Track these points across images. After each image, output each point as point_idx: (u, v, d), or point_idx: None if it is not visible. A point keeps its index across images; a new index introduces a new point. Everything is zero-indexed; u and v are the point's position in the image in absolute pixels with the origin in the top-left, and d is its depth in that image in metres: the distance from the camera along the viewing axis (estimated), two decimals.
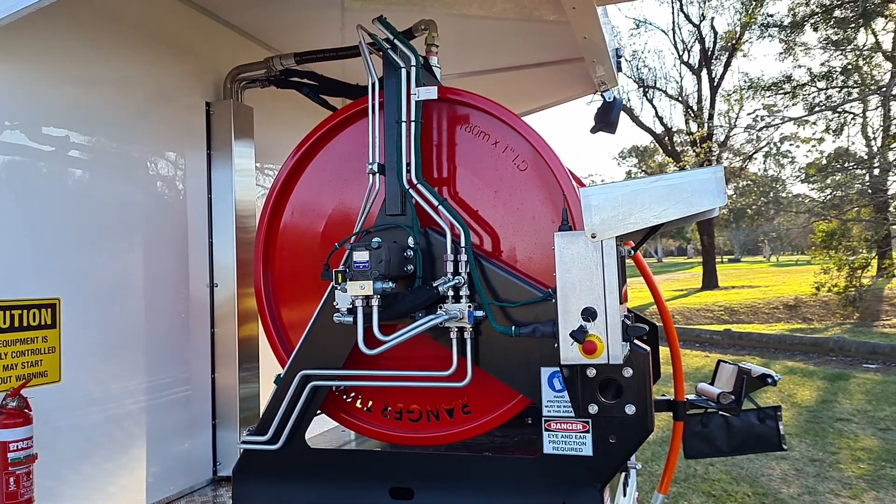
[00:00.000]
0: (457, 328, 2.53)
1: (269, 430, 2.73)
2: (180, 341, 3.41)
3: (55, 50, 2.76)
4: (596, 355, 2.12)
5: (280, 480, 2.76)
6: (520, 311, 2.49)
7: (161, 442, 3.22)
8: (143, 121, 3.23)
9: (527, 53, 4.43)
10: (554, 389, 2.42)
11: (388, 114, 2.68)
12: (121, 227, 3.06)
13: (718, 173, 2.05)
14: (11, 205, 2.54)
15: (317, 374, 2.70)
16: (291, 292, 2.99)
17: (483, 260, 2.57)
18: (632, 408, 2.27)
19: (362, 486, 2.66)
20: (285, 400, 2.71)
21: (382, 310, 2.47)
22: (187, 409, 3.41)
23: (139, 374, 3.12)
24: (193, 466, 3.44)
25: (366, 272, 2.38)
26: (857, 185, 22.15)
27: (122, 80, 3.10)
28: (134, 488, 3.06)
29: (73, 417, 2.75)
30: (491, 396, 2.64)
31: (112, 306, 2.98)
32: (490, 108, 2.68)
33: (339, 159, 2.94)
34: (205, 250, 3.53)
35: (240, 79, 3.65)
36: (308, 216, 2.98)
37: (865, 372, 12.50)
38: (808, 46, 24.37)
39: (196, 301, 3.50)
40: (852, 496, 6.57)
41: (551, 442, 2.41)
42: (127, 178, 3.12)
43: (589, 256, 2.12)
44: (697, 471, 7.45)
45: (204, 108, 3.59)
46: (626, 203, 2.04)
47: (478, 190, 2.69)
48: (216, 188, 3.58)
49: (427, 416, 2.75)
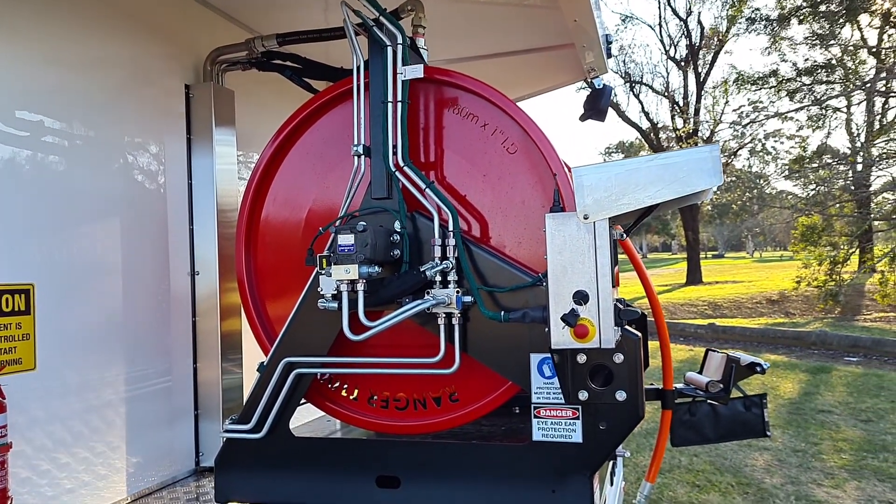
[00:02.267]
0: (444, 314, 2.47)
1: (253, 419, 2.66)
2: (161, 330, 3.34)
3: (29, 32, 2.67)
4: (587, 339, 2.08)
5: (263, 470, 2.69)
6: (509, 297, 2.44)
7: (142, 432, 3.15)
8: (121, 104, 3.14)
9: (516, 39, 4.37)
10: (543, 376, 2.37)
11: (374, 94, 2.61)
12: (98, 213, 2.98)
13: (714, 152, 2.00)
14: None
15: (301, 361, 2.64)
16: (275, 279, 2.92)
17: (471, 244, 2.51)
18: (622, 394, 2.23)
19: (348, 476, 2.60)
20: (269, 388, 2.65)
21: (368, 295, 2.41)
22: (169, 400, 3.34)
23: (118, 364, 3.04)
24: (176, 457, 3.37)
25: (351, 256, 2.31)
26: (840, 181, 22.34)
27: (98, 62, 3.02)
28: (114, 479, 2.99)
29: (48, 406, 2.67)
30: (479, 384, 2.59)
31: (89, 294, 2.90)
32: (479, 90, 2.62)
33: (322, 143, 2.87)
34: (185, 238, 3.46)
35: (220, 61, 3.57)
36: (291, 201, 2.90)
37: (847, 365, 12.63)
38: (794, 42, 24.50)
39: (177, 290, 3.42)
40: (834, 486, 6.61)
41: (540, 429, 2.36)
42: (104, 163, 3.03)
43: (581, 238, 2.08)
44: (682, 461, 7.47)
45: (183, 91, 3.50)
46: (620, 183, 1.99)
47: (466, 173, 2.64)
48: (196, 174, 3.50)
49: (414, 405, 2.70)
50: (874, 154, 20.54)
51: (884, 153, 20.56)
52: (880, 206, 21.83)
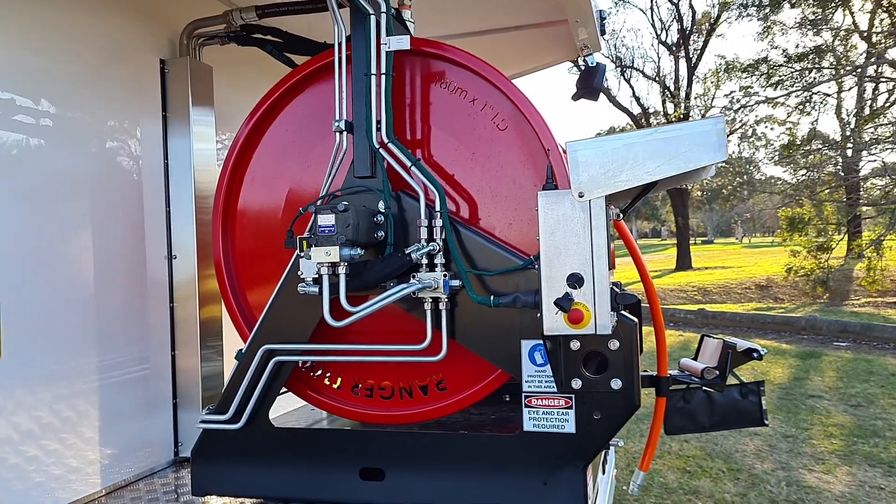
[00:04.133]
0: (431, 299, 2.35)
1: (231, 409, 2.54)
2: (137, 317, 3.20)
3: None
4: (582, 325, 1.96)
5: (242, 461, 2.58)
6: (499, 280, 2.32)
7: (117, 422, 3.02)
8: (92, 81, 2.99)
9: (507, 15, 4.24)
10: (535, 363, 2.27)
11: (357, 66, 2.47)
12: (69, 194, 2.84)
13: (719, 124, 1.87)
14: None
15: (281, 348, 2.51)
16: (254, 263, 2.79)
17: (459, 225, 2.39)
18: (618, 382, 2.12)
19: (330, 467, 2.49)
20: (247, 376, 2.53)
21: (350, 279, 2.29)
22: (145, 388, 3.21)
23: (91, 351, 2.91)
24: (154, 447, 3.25)
25: (332, 237, 2.18)
26: (830, 167, 22.36)
27: (68, 36, 2.86)
28: (87, 471, 2.86)
29: (15, 395, 2.53)
30: (468, 372, 2.48)
31: (60, 279, 2.76)
32: (467, 63, 2.49)
33: (302, 120, 2.73)
34: (162, 220, 3.31)
35: (197, 35, 3.40)
36: (270, 182, 2.77)
37: (836, 350, 12.66)
38: (785, 26, 24.39)
39: (153, 274, 3.28)
40: (825, 471, 6.60)
41: (532, 419, 2.26)
42: (75, 143, 2.89)
43: (575, 218, 1.95)
44: (672, 447, 7.45)
45: (158, 66, 3.34)
46: (618, 158, 1.86)
47: (454, 151, 2.51)
48: (173, 153, 3.35)
49: (400, 393, 2.58)
50: (864, 139, 20.54)
51: (874, 138, 20.57)
52: (869, 192, 21.88)
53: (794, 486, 6.24)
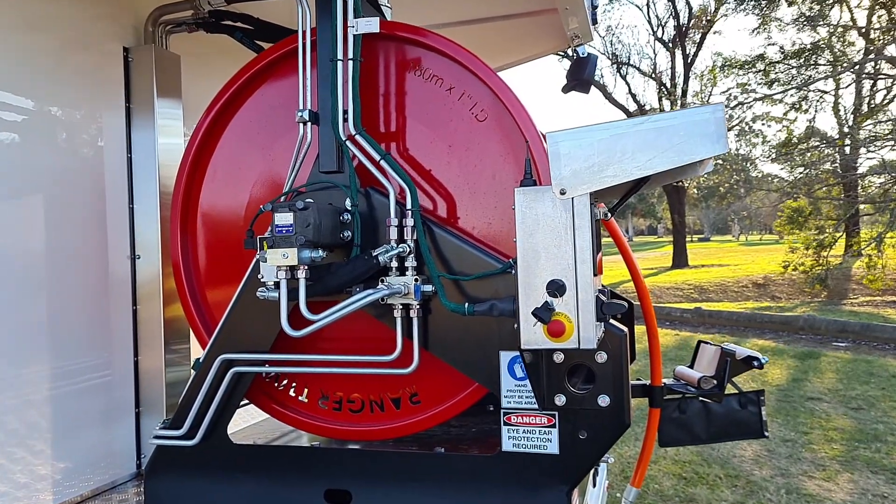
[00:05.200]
0: (401, 305, 2.15)
1: (186, 423, 2.35)
2: (97, 320, 3.00)
3: None
4: (564, 338, 1.76)
5: (199, 479, 2.38)
6: (475, 286, 2.12)
7: (73, 434, 2.82)
8: (51, 69, 2.79)
9: (495, 4, 4.05)
10: (515, 377, 2.07)
11: (322, 52, 2.27)
12: (24, 189, 2.65)
13: (718, 112, 1.66)
14: None
15: (240, 358, 2.31)
16: (214, 265, 2.59)
17: (433, 225, 2.19)
18: (606, 399, 1.92)
19: (293, 488, 2.30)
20: (204, 388, 2.33)
21: (312, 283, 2.08)
22: (106, 396, 3.01)
23: (44, 358, 2.70)
24: (114, 459, 3.05)
25: (289, 238, 1.98)
26: (828, 164, 22.23)
27: (25, 22, 2.66)
28: (36, 486, 2.66)
29: None
30: (443, 384, 2.29)
31: (11, 279, 2.56)
32: (444, 48, 2.28)
33: (266, 110, 2.52)
34: (125, 217, 3.11)
35: (163, 21, 3.20)
36: (232, 177, 2.57)
37: (835, 350, 12.52)
38: (782, 22, 24.23)
39: (115, 275, 3.08)
40: (826, 478, 6.43)
41: (511, 438, 2.06)
42: (32, 135, 2.69)
43: (557, 217, 1.75)
44: (668, 452, 7.28)
45: (121, 54, 3.14)
46: (604, 151, 1.66)
47: (429, 143, 2.30)
48: (136, 147, 3.15)
49: (370, 407, 2.39)
50: (862, 137, 20.40)
51: (872, 136, 20.43)
52: (867, 190, 21.76)
53: (794, 494, 6.07)
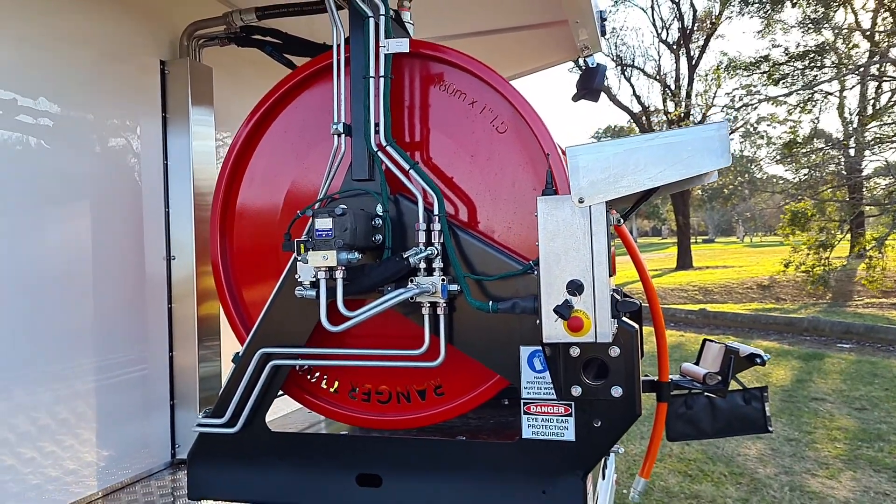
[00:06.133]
0: (429, 303, 2.33)
1: (227, 413, 2.53)
2: (135, 317, 3.19)
3: None
4: (582, 333, 1.94)
5: (238, 465, 2.56)
6: (498, 285, 2.30)
7: (114, 424, 3.01)
8: (93, 81, 2.99)
9: (507, 16, 4.24)
10: (534, 370, 2.24)
11: (355, 69, 2.45)
12: (68, 194, 2.84)
13: (723, 130, 1.85)
14: None
15: (278, 352, 2.49)
16: (251, 265, 2.77)
17: (458, 229, 2.37)
18: (618, 390, 2.10)
19: (327, 473, 2.47)
20: (244, 380, 2.51)
21: (348, 283, 2.26)
22: (143, 389, 3.20)
23: (89, 352, 2.90)
24: (151, 449, 3.24)
25: (329, 241, 2.16)
26: (832, 166, 22.30)
27: (70, 37, 2.86)
28: (83, 473, 2.85)
29: (12, 396, 2.52)
30: (466, 377, 2.46)
31: (58, 278, 2.75)
32: (467, 65, 2.46)
33: (301, 121, 2.71)
34: (161, 221, 3.30)
35: (197, 36, 3.39)
36: (268, 183, 2.75)
37: (840, 352, 12.62)
38: (786, 24, 24.37)
39: (151, 275, 3.27)
40: (829, 476, 6.56)
41: (531, 426, 2.23)
42: (75, 143, 2.89)
43: (575, 223, 1.93)
44: (673, 450, 7.42)
45: (158, 67, 3.34)
46: (619, 164, 1.84)
47: (453, 154, 2.48)
48: (172, 154, 3.35)
49: (397, 398, 2.56)
50: (867, 138, 20.47)
51: (877, 138, 20.51)
52: (872, 192, 21.82)
53: (798, 492, 6.20)
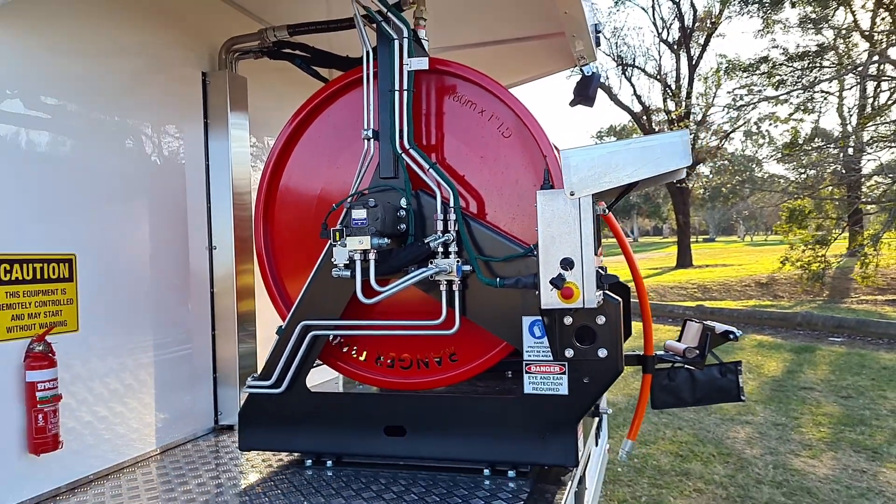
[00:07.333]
0: (446, 281, 2.76)
1: (273, 376, 2.95)
2: (182, 300, 3.61)
3: (52, 22, 2.85)
4: (573, 300, 2.37)
5: (282, 421, 2.99)
6: (503, 266, 2.73)
7: (167, 392, 3.43)
8: (143, 90, 3.36)
9: (508, 28, 4.60)
10: (534, 336, 2.67)
11: (382, 83, 2.88)
12: (125, 192, 3.23)
13: (684, 137, 2.30)
14: (33, 170, 2.71)
15: (317, 324, 2.92)
16: (289, 252, 3.20)
17: (470, 219, 2.80)
18: (604, 351, 2.52)
19: (359, 426, 2.91)
20: (287, 348, 2.93)
21: (378, 264, 2.70)
22: (191, 364, 3.62)
23: (146, 329, 3.32)
24: (197, 416, 3.66)
25: (364, 228, 2.60)
26: (831, 165, 22.52)
27: (121, 50, 3.23)
28: (144, 432, 3.27)
29: (89, 364, 2.95)
30: (476, 345, 2.89)
31: (120, 264, 3.17)
32: (477, 79, 2.89)
33: (333, 127, 3.14)
34: (203, 215, 3.71)
35: (234, 50, 3.80)
36: (305, 179, 3.18)
37: (831, 345, 12.92)
38: (787, 24, 24.63)
39: (196, 262, 3.69)
40: (811, 456, 6.94)
41: (531, 383, 2.66)
42: (129, 146, 3.27)
43: (568, 212, 2.37)
44: (666, 433, 7.79)
45: (200, 78, 3.75)
46: (603, 163, 2.28)
47: (465, 155, 2.92)
48: (213, 156, 3.75)
49: (417, 364, 2.99)
50: (865, 138, 20.72)
51: (875, 137, 20.76)
52: (871, 190, 22.05)
53: (781, 469, 6.59)
